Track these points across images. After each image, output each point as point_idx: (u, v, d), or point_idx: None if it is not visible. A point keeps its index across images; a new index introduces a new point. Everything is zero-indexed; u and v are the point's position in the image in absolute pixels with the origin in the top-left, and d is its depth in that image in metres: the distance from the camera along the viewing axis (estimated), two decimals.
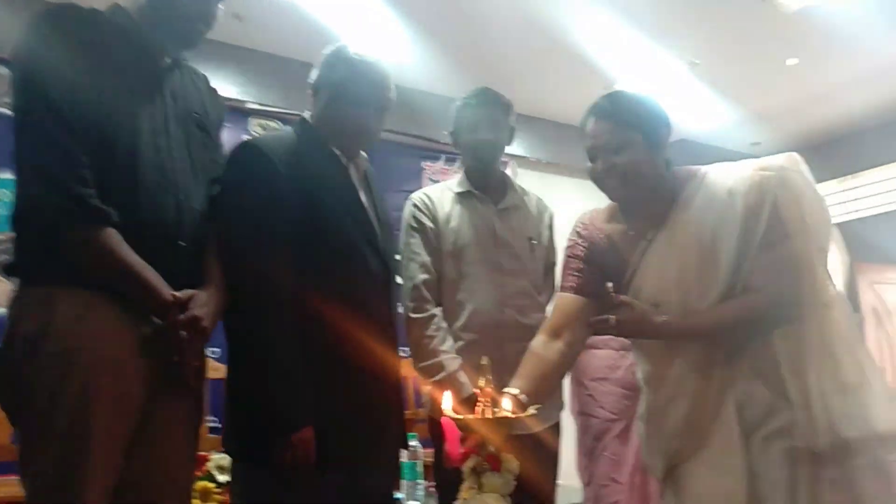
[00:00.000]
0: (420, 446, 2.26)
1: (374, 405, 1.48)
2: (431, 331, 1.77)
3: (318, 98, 1.59)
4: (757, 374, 1.35)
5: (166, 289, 1.23)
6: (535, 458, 1.51)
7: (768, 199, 1.33)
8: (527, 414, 1.24)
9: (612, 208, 1.55)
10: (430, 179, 4.19)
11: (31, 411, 1.14)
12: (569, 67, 3.95)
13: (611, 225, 1.53)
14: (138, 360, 1.21)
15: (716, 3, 3.46)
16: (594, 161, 1.46)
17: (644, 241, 1.45)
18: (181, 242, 1.29)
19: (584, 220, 1.58)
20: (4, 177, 2.73)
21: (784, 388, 1.30)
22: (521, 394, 1.34)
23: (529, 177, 4.38)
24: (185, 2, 1.32)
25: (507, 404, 1.23)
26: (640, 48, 3.81)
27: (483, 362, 1.21)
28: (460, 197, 1.92)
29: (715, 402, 1.37)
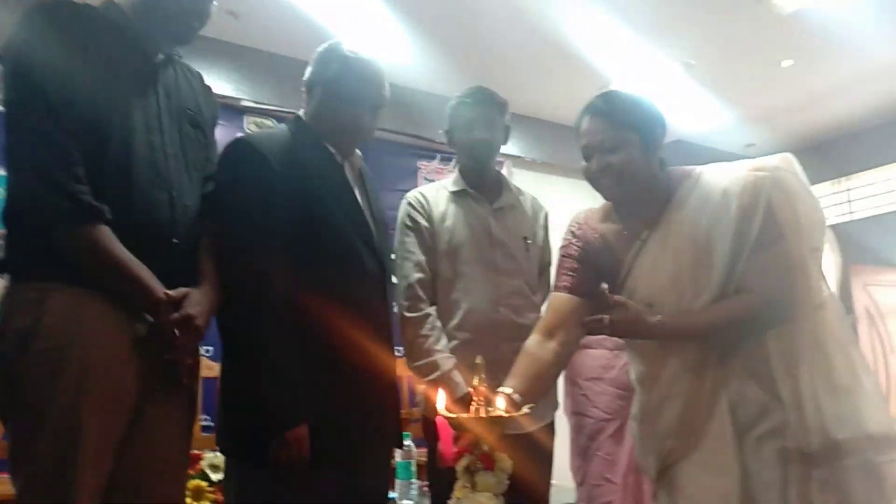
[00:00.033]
0: (414, 446, 2.26)
1: (369, 404, 1.47)
2: (426, 330, 1.77)
3: (312, 96, 1.58)
4: (750, 375, 1.35)
5: (160, 287, 1.22)
6: (529, 457, 1.50)
7: (762, 200, 1.33)
8: (520, 413, 1.24)
9: (607, 208, 1.55)
10: (425, 179, 4.19)
11: (21, 409, 1.13)
12: (565, 68, 3.96)
13: (605, 225, 1.53)
14: (131, 357, 1.21)
15: (711, 4, 3.46)
16: (589, 160, 1.46)
17: (638, 241, 1.45)
18: (175, 240, 1.28)
19: (579, 220, 1.58)
20: None
21: (776, 388, 1.31)
22: (514, 393, 1.34)
23: (525, 176, 4.39)
24: None
25: (501, 403, 1.23)
26: (636, 49, 3.81)
27: (477, 361, 1.21)
28: (455, 196, 1.92)
29: (708, 403, 1.37)
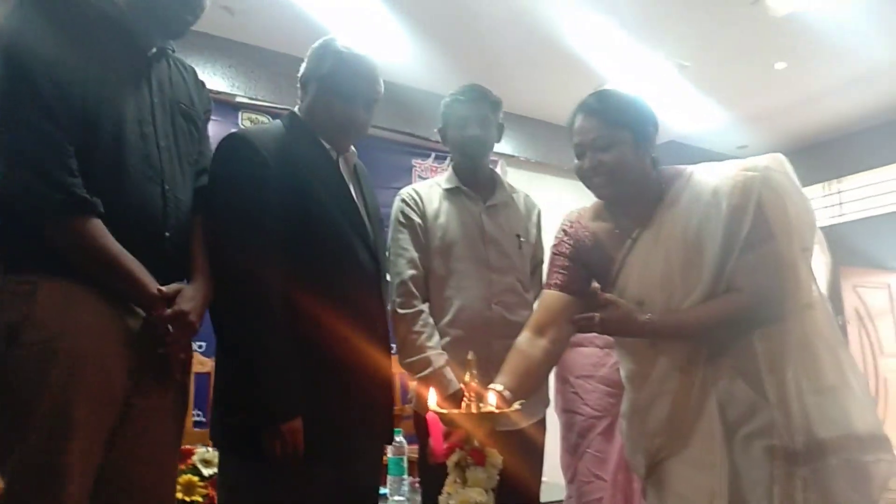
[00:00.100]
0: (405, 442, 2.26)
1: (362, 399, 1.47)
2: (418, 327, 1.77)
3: (306, 91, 1.58)
4: (739, 373, 1.35)
5: (152, 282, 1.22)
6: (520, 454, 1.51)
7: (753, 199, 1.34)
8: (511, 409, 1.25)
9: (599, 206, 1.55)
10: (419, 177, 4.20)
11: (11, 400, 1.12)
12: (559, 67, 3.97)
13: (597, 223, 1.53)
14: (122, 351, 1.20)
15: (705, 6, 3.48)
16: (581, 158, 1.46)
17: (629, 240, 1.46)
18: (167, 233, 1.28)
19: (571, 218, 1.58)
20: None
21: (764, 387, 1.31)
22: (505, 390, 1.35)
23: (518, 175, 4.40)
24: None
25: (492, 400, 1.24)
26: (630, 50, 3.83)
27: (469, 358, 1.21)
28: (449, 193, 1.92)
29: (697, 401, 1.37)
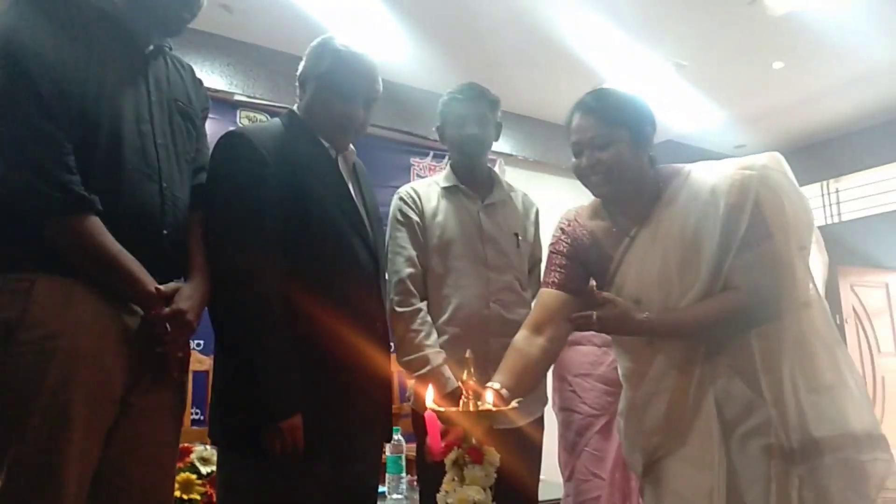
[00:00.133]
0: (403, 440, 2.27)
1: (361, 398, 1.47)
2: (416, 325, 1.77)
3: (305, 90, 1.58)
4: (736, 372, 1.36)
5: (150, 281, 1.22)
6: (518, 452, 1.51)
7: (750, 198, 1.34)
8: (509, 407, 1.25)
9: (596, 205, 1.55)
10: (418, 176, 4.20)
11: (8, 397, 1.12)
12: (558, 67, 3.97)
13: (594, 221, 1.53)
14: (120, 349, 1.20)
15: (703, 6, 3.48)
16: (579, 157, 1.46)
17: (627, 238, 1.46)
18: (164, 231, 1.28)
19: (569, 217, 1.58)
20: None
21: (761, 385, 1.31)
22: (502, 388, 1.35)
23: (516, 174, 4.40)
24: None
25: (490, 398, 1.24)
26: (628, 49, 3.83)
27: (466, 356, 1.21)
28: (447, 192, 1.92)
29: (695, 400, 1.38)
